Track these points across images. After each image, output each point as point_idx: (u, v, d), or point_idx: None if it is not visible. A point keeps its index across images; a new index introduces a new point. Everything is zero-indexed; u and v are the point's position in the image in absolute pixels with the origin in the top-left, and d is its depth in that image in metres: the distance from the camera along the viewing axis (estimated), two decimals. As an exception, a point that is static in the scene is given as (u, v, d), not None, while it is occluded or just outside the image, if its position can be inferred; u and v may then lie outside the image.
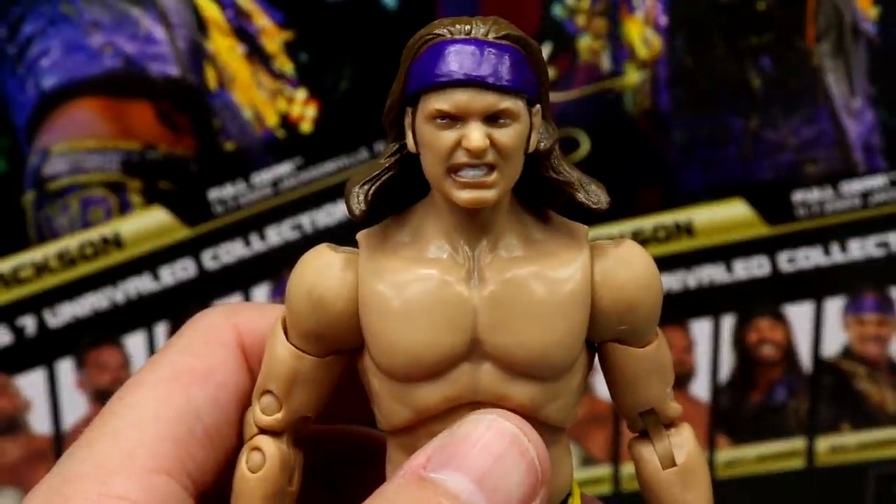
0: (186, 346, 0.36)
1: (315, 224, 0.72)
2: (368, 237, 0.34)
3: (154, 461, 0.33)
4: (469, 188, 0.31)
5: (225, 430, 0.35)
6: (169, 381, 0.35)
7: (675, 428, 0.35)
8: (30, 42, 0.67)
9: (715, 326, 0.76)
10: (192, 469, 0.34)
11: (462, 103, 0.31)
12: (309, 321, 0.33)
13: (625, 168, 0.72)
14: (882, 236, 0.73)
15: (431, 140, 0.31)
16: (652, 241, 0.73)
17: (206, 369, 0.36)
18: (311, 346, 0.34)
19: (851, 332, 0.76)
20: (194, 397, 0.35)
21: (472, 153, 0.31)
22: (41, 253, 0.69)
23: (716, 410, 0.77)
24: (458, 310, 0.32)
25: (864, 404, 0.77)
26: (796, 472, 0.78)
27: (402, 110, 0.33)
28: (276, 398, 0.34)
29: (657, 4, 0.70)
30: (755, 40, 0.71)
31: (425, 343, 0.32)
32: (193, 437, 0.34)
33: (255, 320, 0.37)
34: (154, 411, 0.34)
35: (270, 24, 0.69)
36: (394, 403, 0.33)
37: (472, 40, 0.32)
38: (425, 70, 0.31)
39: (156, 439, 0.33)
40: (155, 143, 0.69)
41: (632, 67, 0.71)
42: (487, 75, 0.31)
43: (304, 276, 0.33)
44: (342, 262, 0.33)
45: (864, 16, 0.71)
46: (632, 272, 0.34)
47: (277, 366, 0.34)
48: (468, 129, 0.31)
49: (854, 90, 0.71)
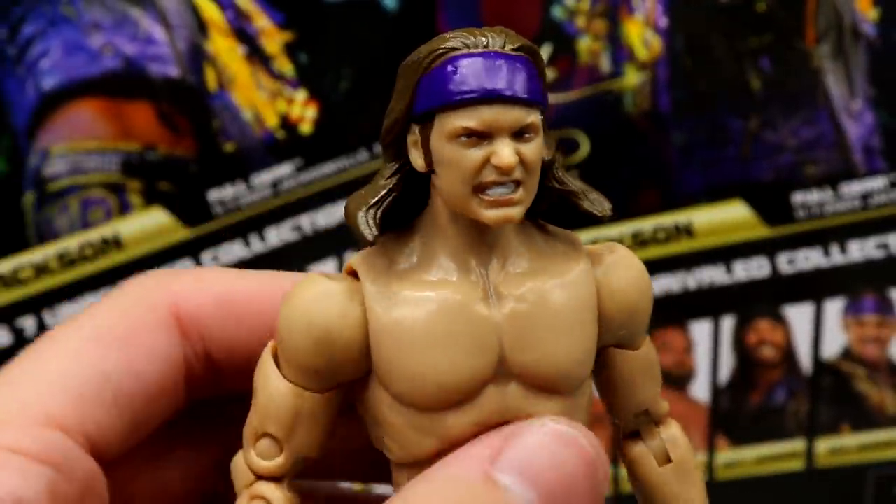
0: (112, 308, 0.34)
1: (315, 225, 0.72)
2: (366, 262, 0.32)
3: (49, 415, 0.31)
4: (497, 206, 0.30)
5: (137, 400, 0.33)
6: (84, 339, 0.33)
7: (664, 425, 0.35)
8: (30, 43, 0.67)
9: (715, 328, 0.76)
10: (92, 431, 0.32)
11: (490, 120, 0.30)
12: (311, 356, 0.31)
13: (624, 169, 0.72)
14: (882, 238, 0.73)
15: (456, 159, 0.30)
16: (652, 242, 0.73)
17: (126, 332, 0.33)
18: (313, 382, 0.32)
19: (851, 333, 0.76)
20: (107, 359, 0.32)
21: (503, 171, 0.30)
22: (41, 254, 0.69)
23: (715, 412, 0.77)
24: (483, 331, 0.31)
25: (864, 406, 0.77)
26: (796, 473, 0.77)
27: (405, 128, 0.31)
28: (276, 441, 0.32)
29: (657, 6, 0.70)
30: (755, 42, 0.71)
31: (454, 369, 0.30)
32: (99, 399, 0.32)
33: (192, 288, 0.35)
34: (60, 366, 0.32)
35: (270, 25, 0.69)
36: (416, 434, 0.31)
37: (491, 53, 0.30)
38: (444, 86, 0.30)
39: (54, 394, 0.31)
40: (155, 144, 0.69)
41: (632, 69, 0.71)
42: (514, 89, 0.30)
43: (303, 309, 0.31)
44: (342, 290, 0.31)
45: (864, 17, 0.71)
46: (630, 277, 0.34)
47: (275, 405, 0.32)
48: (498, 146, 0.30)
49: (854, 92, 0.71)
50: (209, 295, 0.35)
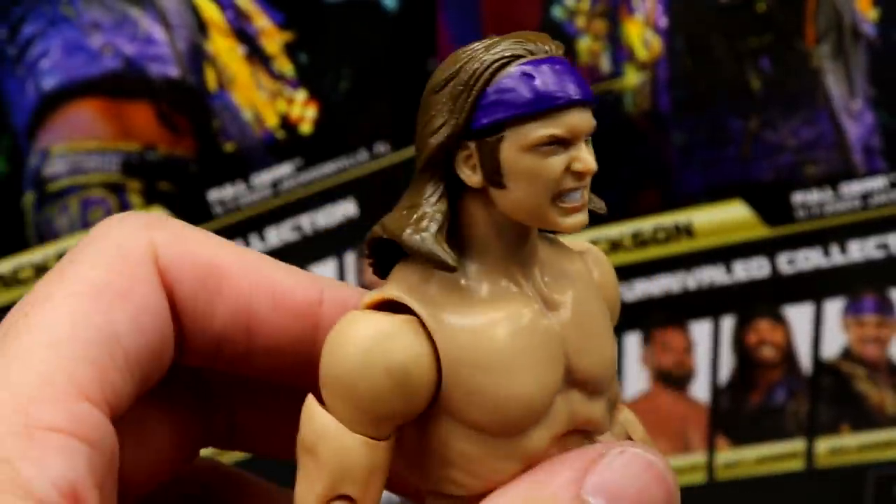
0: (99, 260, 0.31)
1: (315, 225, 0.72)
2: (413, 291, 0.30)
3: (76, 386, 0.29)
4: (576, 213, 0.30)
5: (145, 357, 0.31)
6: (84, 298, 0.30)
7: (617, 409, 0.35)
8: (30, 43, 0.67)
9: (715, 328, 0.76)
10: (110, 396, 0.30)
11: (575, 126, 0.29)
12: (390, 401, 0.29)
13: (624, 169, 0.72)
14: (882, 238, 0.73)
15: (537, 169, 0.29)
16: (652, 242, 0.73)
17: (125, 288, 0.31)
18: (383, 429, 0.30)
19: (851, 333, 0.76)
20: (114, 318, 0.30)
21: (585, 175, 0.29)
22: (41, 254, 0.69)
23: (715, 412, 0.77)
24: (553, 342, 0.30)
25: (864, 405, 0.77)
26: (796, 473, 0.77)
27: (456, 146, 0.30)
28: (351, 501, 0.30)
29: (657, 6, 0.70)
30: (755, 42, 0.71)
31: (535, 386, 0.30)
32: (113, 361, 0.30)
33: (171, 241, 0.33)
34: (69, 331, 0.29)
35: (270, 25, 0.69)
36: (496, 461, 0.30)
37: (557, 59, 0.29)
38: (522, 95, 0.29)
39: (74, 362, 0.29)
40: (155, 144, 0.69)
41: (631, 69, 0.71)
42: (588, 94, 0.29)
43: (374, 351, 0.29)
44: (403, 326, 0.29)
45: (864, 17, 0.71)
46: (610, 271, 0.34)
47: (349, 463, 0.29)
48: (579, 152, 0.29)
49: (854, 92, 0.71)
50: (188, 255, 0.33)
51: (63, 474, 0.27)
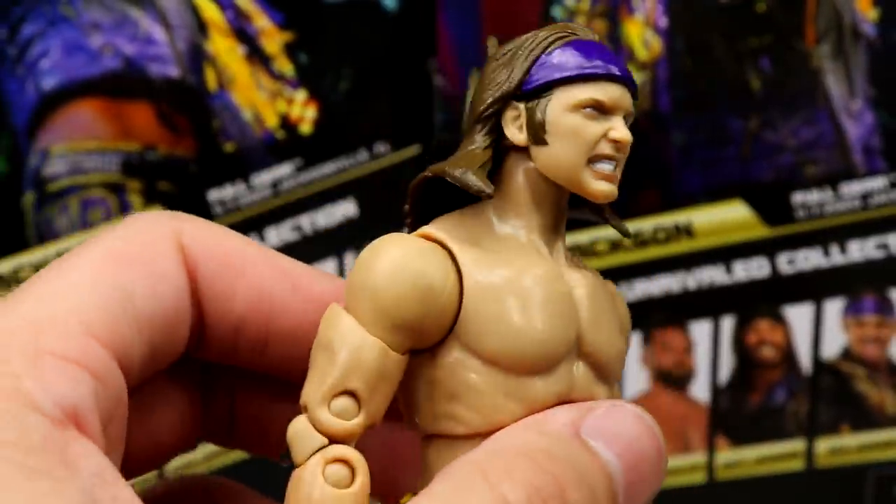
0: (123, 235, 0.33)
1: (315, 225, 0.72)
2: (449, 231, 0.32)
3: (86, 326, 0.30)
4: (605, 180, 0.33)
5: (157, 324, 0.32)
6: (103, 260, 0.32)
7: None
8: (30, 43, 0.67)
9: (714, 328, 0.76)
10: (119, 348, 0.30)
11: (617, 97, 0.32)
12: (412, 308, 0.31)
13: (624, 169, 0.72)
14: (882, 238, 0.73)
15: (578, 128, 0.32)
16: (651, 242, 0.73)
17: (144, 257, 0.32)
18: (399, 341, 0.31)
19: (851, 333, 0.76)
20: (129, 279, 0.31)
21: (620, 145, 0.33)
22: (41, 254, 0.69)
23: (715, 412, 0.77)
24: (570, 304, 0.32)
25: (864, 406, 0.77)
26: (796, 473, 0.78)
27: (506, 104, 0.33)
28: (356, 399, 0.30)
29: (657, 6, 0.70)
30: (755, 42, 0.71)
31: (549, 333, 0.31)
32: (123, 315, 0.31)
33: (197, 229, 0.34)
34: (86, 282, 0.31)
35: (270, 26, 0.69)
36: (501, 398, 0.31)
37: (603, 45, 0.33)
38: (574, 62, 0.32)
39: (88, 306, 0.30)
40: (155, 144, 0.69)
41: (631, 69, 0.71)
42: (631, 78, 0.33)
43: (406, 260, 0.31)
44: (434, 249, 0.32)
45: (864, 17, 0.71)
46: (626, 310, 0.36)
47: (361, 361, 0.30)
48: (616, 122, 0.33)
49: (854, 92, 0.71)
50: (212, 242, 0.34)
51: (66, 395, 0.28)
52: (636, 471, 0.31)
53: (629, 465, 0.31)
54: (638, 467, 0.31)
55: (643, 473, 0.31)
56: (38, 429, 0.27)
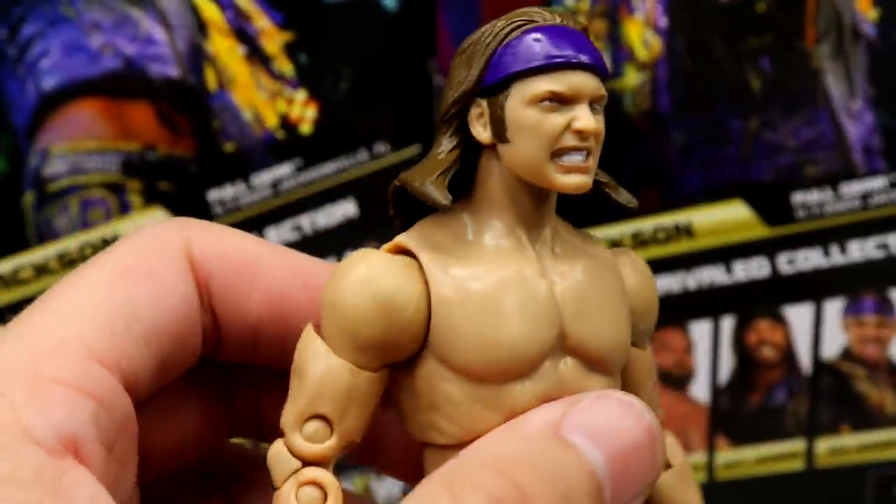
0: (132, 248, 0.34)
1: (315, 225, 0.72)
2: (419, 239, 0.32)
3: (88, 349, 0.30)
4: (574, 172, 0.31)
5: (164, 337, 0.32)
6: (109, 276, 0.32)
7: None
8: (30, 43, 0.67)
9: (714, 328, 0.76)
10: (125, 366, 0.31)
11: (576, 85, 0.31)
12: (374, 327, 0.31)
13: (624, 169, 0.72)
14: (882, 238, 0.73)
15: (536, 123, 0.31)
16: (652, 242, 0.73)
17: (150, 270, 0.33)
18: (368, 359, 0.31)
19: (851, 333, 0.76)
20: (134, 295, 0.32)
21: (584, 135, 0.31)
22: (41, 254, 0.69)
23: (715, 412, 0.77)
24: (547, 303, 0.31)
25: (864, 406, 0.77)
26: (796, 473, 0.77)
27: (469, 103, 0.32)
28: (328, 423, 0.31)
29: (657, 6, 0.70)
30: (755, 42, 0.71)
31: (522, 338, 0.31)
32: (129, 334, 0.31)
33: (205, 236, 0.35)
34: (90, 302, 0.31)
35: (270, 26, 0.69)
36: (478, 408, 0.31)
37: (566, 28, 0.32)
38: (529, 53, 0.31)
39: (90, 328, 0.31)
40: (155, 144, 0.69)
41: (631, 69, 0.71)
42: (594, 60, 0.31)
43: (366, 278, 0.31)
44: (401, 263, 0.31)
45: (864, 17, 0.71)
46: (644, 275, 0.34)
47: (329, 385, 0.31)
48: (579, 112, 0.31)
49: (854, 92, 0.71)
50: (221, 248, 0.35)
51: (64, 423, 0.28)
52: (623, 461, 0.30)
53: (615, 457, 0.30)
54: (625, 458, 0.30)
55: (632, 463, 0.30)
56: (32, 460, 0.27)
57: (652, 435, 0.31)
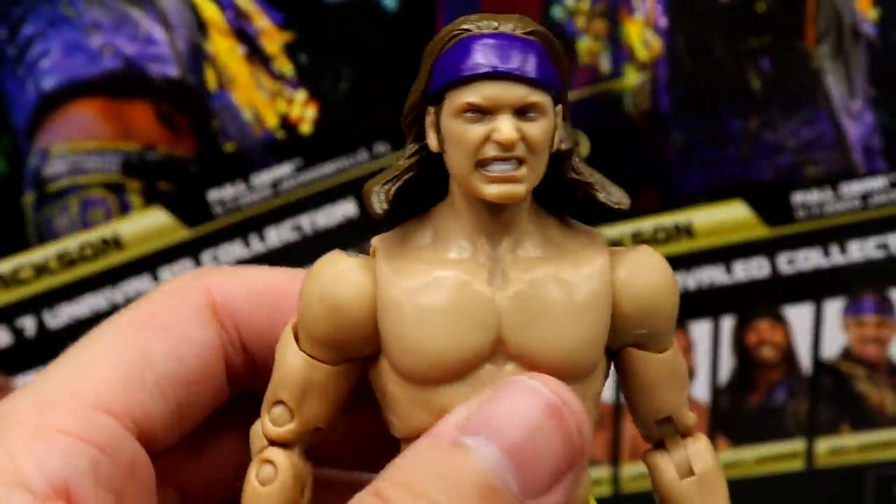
0: (152, 302, 0.36)
1: (315, 225, 0.72)
2: (385, 241, 0.33)
3: (96, 399, 0.32)
4: (498, 182, 0.31)
5: (179, 385, 0.34)
6: (126, 330, 0.34)
7: (692, 437, 0.35)
8: (30, 43, 0.67)
9: (714, 328, 0.76)
10: (138, 415, 0.33)
11: (493, 95, 0.31)
12: (323, 327, 0.33)
13: (624, 169, 0.72)
14: (881, 238, 0.73)
15: (459, 134, 0.31)
16: (651, 242, 0.73)
17: (166, 322, 0.35)
18: (325, 354, 0.33)
19: (851, 333, 0.76)
20: (149, 346, 0.34)
21: (503, 146, 0.31)
22: (41, 254, 0.69)
23: (715, 412, 0.77)
24: (481, 309, 0.31)
25: (864, 406, 0.77)
26: (796, 473, 0.77)
27: (423, 110, 0.32)
28: (288, 408, 0.33)
29: (657, 6, 0.70)
30: (755, 42, 0.71)
31: (449, 343, 0.31)
32: (143, 384, 0.33)
33: (225, 279, 0.37)
34: (104, 355, 0.34)
35: (270, 26, 0.69)
36: (415, 409, 0.32)
37: (500, 34, 0.32)
38: (453, 64, 0.31)
39: (101, 380, 0.33)
40: (154, 144, 0.69)
41: (631, 69, 0.71)
42: (517, 67, 0.31)
43: (318, 282, 0.33)
44: (357, 266, 0.33)
45: (864, 17, 0.71)
46: (651, 275, 0.35)
47: (289, 374, 0.33)
48: (498, 122, 0.31)
49: (854, 92, 0.71)
50: (242, 286, 0.37)
51: (57, 470, 0.30)
52: (526, 448, 0.29)
53: (514, 447, 0.29)
54: (527, 444, 0.29)
55: (538, 447, 0.29)
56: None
57: (556, 412, 0.30)
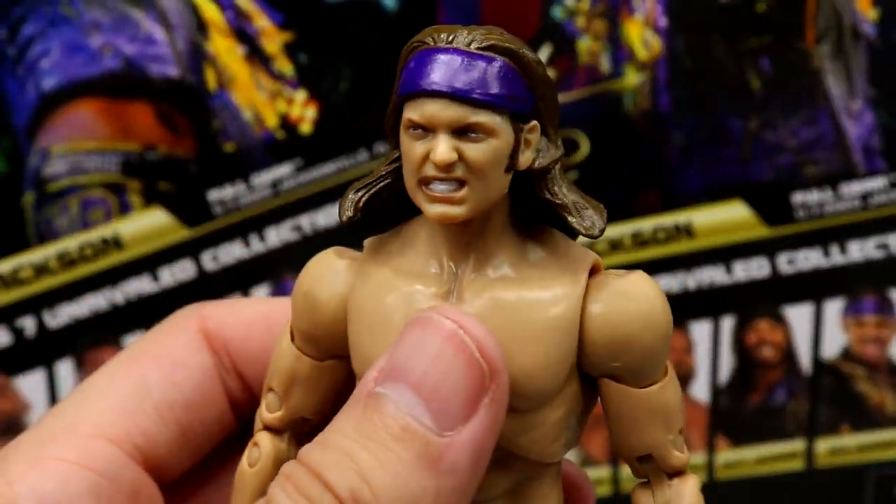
0: (150, 337, 0.38)
1: (314, 225, 0.72)
2: (373, 243, 0.33)
3: (95, 428, 0.34)
4: (438, 202, 0.30)
5: (178, 408, 0.36)
6: (124, 362, 0.36)
7: (679, 479, 0.34)
8: (30, 43, 0.67)
9: (714, 328, 0.76)
10: (140, 440, 0.35)
11: (429, 114, 0.30)
12: (304, 323, 0.34)
13: (624, 169, 0.72)
14: (881, 238, 0.73)
15: (406, 150, 0.31)
16: (652, 242, 0.73)
17: (161, 351, 0.37)
18: (310, 348, 0.34)
19: (851, 333, 0.76)
20: (146, 375, 0.36)
21: (438, 166, 0.30)
22: (41, 254, 0.69)
23: (715, 412, 0.77)
24: None
25: (864, 406, 0.77)
26: (796, 473, 0.77)
27: (398, 116, 0.31)
28: (278, 396, 0.35)
29: (657, 6, 0.70)
30: (755, 42, 0.71)
31: None
32: (142, 410, 0.35)
33: (218, 310, 0.39)
34: (102, 387, 0.36)
35: (270, 26, 0.69)
36: None
37: (452, 49, 0.30)
38: (405, 78, 0.31)
39: (99, 409, 0.35)
40: (155, 144, 0.69)
41: (631, 69, 0.71)
42: (458, 87, 0.30)
43: (305, 278, 0.34)
44: (342, 267, 0.33)
45: (864, 17, 0.71)
46: (629, 307, 0.31)
47: (279, 364, 0.35)
48: (436, 142, 0.30)
49: (854, 92, 0.71)
50: (234, 315, 0.38)
51: (53, 494, 0.32)
52: (430, 380, 0.28)
53: (420, 381, 0.28)
54: (431, 375, 0.28)
55: (443, 380, 0.28)
56: None
57: (453, 337, 0.29)
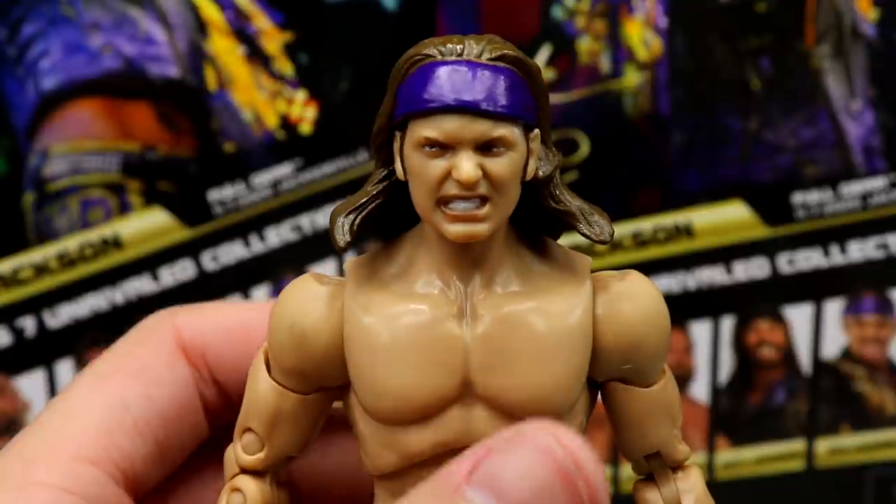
0: (123, 348, 0.37)
1: (314, 225, 0.72)
2: (357, 267, 0.31)
3: (77, 450, 0.34)
4: (460, 222, 0.29)
5: (156, 424, 0.36)
6: (101, 378, 0.36)
7: (683, 471, 0.33)
8: (30, 43, 0.67)
9: (714, 328, 0.76)
10: (119, 459, 0.34)
11: (452, 131, 0.29)
12: (291, 357, 0.31)
13: (624, 169, 0.72)
14: (881, 238, 0.73)
15: (420, 169, 0.29)
16: (651, 242, 0.73)
17: (138, 366, 0.36)
18: (294, 383, 0.32)
19: (851, 333, 0.76)
20: (124, 392, 0.35)
21: (463, 185, 0.29)
22: (41, 254, 0.69)
23: (715, 412, 0.77)
24: (449, 349, 0.30)
25: (864, 406, 0.77)
26: (796, 473, 0.77)
27: (390, 134, 0.30)
28: (258, 437, 0.32)
29: (657, 6, 0.70)
30: (755, 42, 0.71)
31: (414, 384, 0.30)
32: (121, 428, 0.35)
33: (193, 318, 0.38)
34: (82, 405, 0.35)
35: (270, 26, 0.69)
36: (379, 447, 0.31)
37: (464, 62, 0.29)
38: (413, 94, 0.29)
39: (80, 430, 0.34)
40: (154, 145, 0.69)
41: (631, 69, 0.71)
42: (480, 101, 0.29)
43: (286, 310, 0.31)
44: (327, 294, 0.31)
45: (864, 17, 0.71)
46: (636, 308, 0.32)
47: (259, 403, 0.32)
48: (458, 159, 0.29)
49: (854, 92, 0.71)
50: (210, 323, 0.38)
51: None
52: None
53: None
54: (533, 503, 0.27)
55: None
56: None
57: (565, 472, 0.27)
